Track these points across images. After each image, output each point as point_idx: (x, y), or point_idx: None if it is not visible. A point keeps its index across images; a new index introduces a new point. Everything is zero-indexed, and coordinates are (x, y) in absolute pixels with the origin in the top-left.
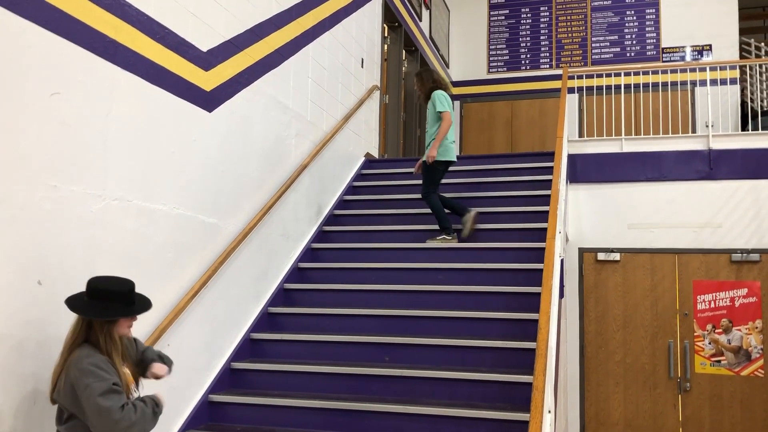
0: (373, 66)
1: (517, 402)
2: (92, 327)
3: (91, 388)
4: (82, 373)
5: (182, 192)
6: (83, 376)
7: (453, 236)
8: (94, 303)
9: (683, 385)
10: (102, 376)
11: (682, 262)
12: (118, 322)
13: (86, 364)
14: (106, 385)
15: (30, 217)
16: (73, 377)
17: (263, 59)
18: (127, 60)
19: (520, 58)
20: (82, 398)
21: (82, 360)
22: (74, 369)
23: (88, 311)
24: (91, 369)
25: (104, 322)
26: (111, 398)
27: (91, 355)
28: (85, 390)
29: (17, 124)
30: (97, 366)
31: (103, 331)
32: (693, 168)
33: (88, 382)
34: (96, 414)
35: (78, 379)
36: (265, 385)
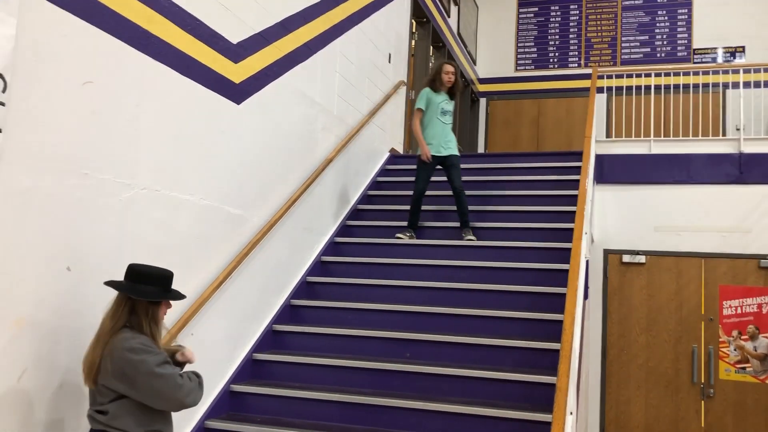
0: (400, 61)
1: (537, 402)
2: (135, 311)
3: (146, 362)
4: (133, 351)
5: (209, 183)
6: (135, 354)
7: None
8: (139, 285)
9: (706, 391)
10: (154, 351)
11: (708, 267)
12: (160, 305)
13: (135, 343)
14: (161, 357)
15: (60, 205)
16: (123, 357)
17: (292, 52)
18: (159, 50)
19: (548, 56)
20: (138, 374)
21: (129, 340)
22: (122, 350)
23: (135, 291)
24: (141, 347)
25: (148, 304)
26: (167, 368)
27: (136, 336)
28: (141, 365)
29: (49, 112)
30: (146, 344)
31: (147, 313)
32: (722, 171)
33: (142, 358)
34: (157, 384)
35: (129, 358)
36: (286, 377)
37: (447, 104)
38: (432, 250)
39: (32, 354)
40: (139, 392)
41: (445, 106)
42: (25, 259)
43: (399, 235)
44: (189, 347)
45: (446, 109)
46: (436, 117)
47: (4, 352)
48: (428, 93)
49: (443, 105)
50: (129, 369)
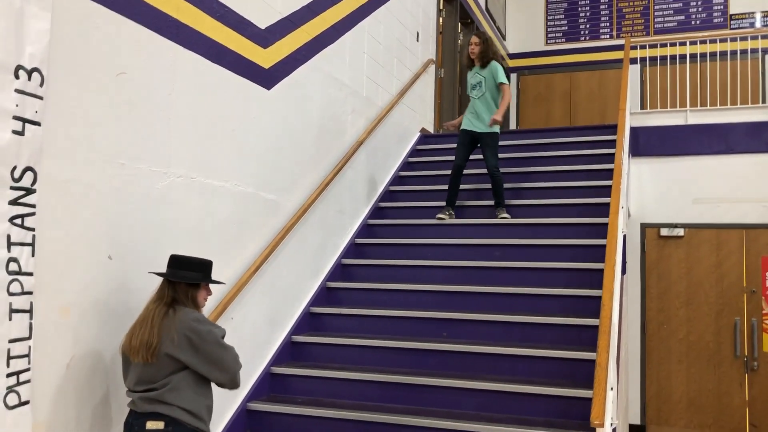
0: (429, 39)
1: (578, 379)
2: (176, 294)
3: (213, 332)
4: (199, 322)
5: (243, 169)
6: (201, 324)
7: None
8: (179, 271)
9: (750, 364)
10: (216, 324)
11: (750, 238)
12: (199, 290)
13: (200, 315)
14: (222, 331)
15: (100, 194)
16: (191, 327)
17: (319, 35)
18: (189, 39)
19: (579, 28)
20: (205, 342)
21: (194, 313)
22: (190, 320)
23: (175, 276)
24: (204, 318)
25: (188, 287)
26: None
27: (192, 311)
28: (209, 334)
29: (86, 103)
30: (205, 317)
31: (188, 296)
32: (763, 140)
33: (209, 328)
34: (221, 353)
35: (197, 327)
36: (325, 358)
37: (474, 77)
38: (466, 229)
39: (79, 341)
40: (202, 360)
41: (472, 80)
42: (67, 249)
43: (440, 215)
44: None
45: (473, 83)
46: (467, 93)
47: (51, 339)
48: (468, 74)
49: (471, 79)
50: (196, 337)
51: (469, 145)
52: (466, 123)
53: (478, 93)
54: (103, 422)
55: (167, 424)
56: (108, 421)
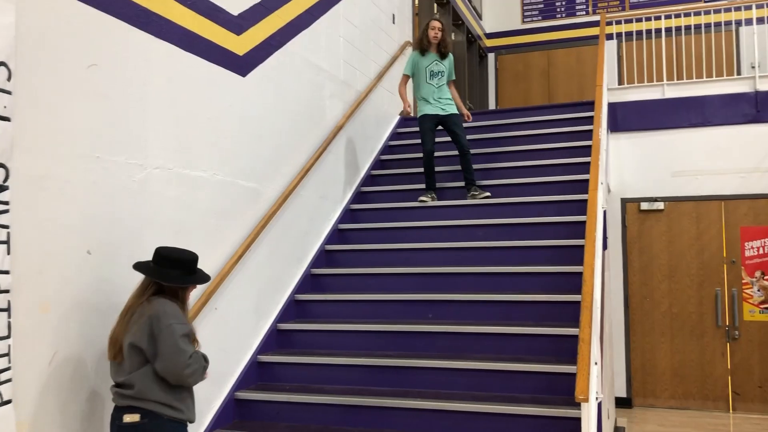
0: (405, 21)
1: (563, 355)
2: (163, 291)
3: (173, 327)
4: (166, 314)
5: (221, 158)
6: (166, 317)
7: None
8: (165, 270)
9: (731, 333)
10: (183, 321)
11: (728, 209)
12: (187, 289)
13: (169, 308)
14: (187, 329)
15: (76, 189)
16: (155, 316)
17: (294, 20)
18: (160, 28)
19: (554, 5)
20: (161, 335)
21: (164, 305)
22: (155, 311)
23: (162, 276)
24: (174, 313)
25: (177, 288)
26: (186, 344)
27: (170, 303)
28: (167, 328)
29: (58, 97)
30: (178, 311)
31: (176, 295)
32: (739, 111)
33: (171, 323)
34: (172, 352)
35: (160, 318)
36: (312, 345)
37: (436, 66)
38: (449, 210)
39: (60, 337)
40: (155, 351)
41: (434, 68)
42: (45, 245)
43: (422, 198)
44: None
45: (435, 71)
46: (425, 82)
47: (32, 337)
48: (414, 57)
49: (431, 67)
50: (156, 327)
51: (435, 130)
52: (431, 109)
53: (439, 82)
54: (89, 419)
55: (143, 416)
56: (94, 417)
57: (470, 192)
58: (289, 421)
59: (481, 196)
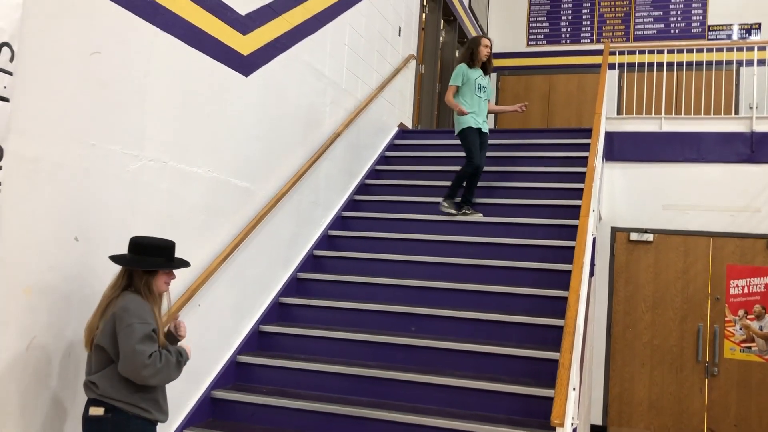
0: (411, 35)
1: (542, 378)
2: (132, 279)
3: (132, 328)
4: (128, 313)
5: (216, 155)
6: (128, 316)
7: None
8: (136, 256)
9: (711, 370)
10: (145, 319)
11: (716, 246)
12: (157, 276)
13: (132, 305)
14: (147, 329)
15: (68, 174)
16: (118, 315)
17: (300, 25)
18: (166, 21)
19: (560, 31)
20: (120, 335)
21: (129, 302)
22: (120, 307)
23: (129, 262)
24: (137, 311)
25: (143, 273)
26: (146, 344)
27: (136, 299)
28: (127, 328)
29: (58, 81)
30: (143, 310)
31: (142, 281)
32: (733, 150)
33: (132, 322)
34: (127, 355)
35: (122, 317)
36: (292, 349)
37: (483, 80)
38: (439, 225)
39: (41, 322)
40: (116, 349)
41: (482, 82)
42: (33, 228)
43: (465, 211)
44: (183, 323)
45: (483, 84)
46: (474, 94)
47: (13, 320)
48: (464, 69)
49: (480, 81)
50: (118, 327)
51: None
52: (476, 123)
53: (485, 96)
54: (63, 406)
55: (107, 411)
56: (69, 404)
57: (462, 209)
58: (263, 423)
59: (473, 217)
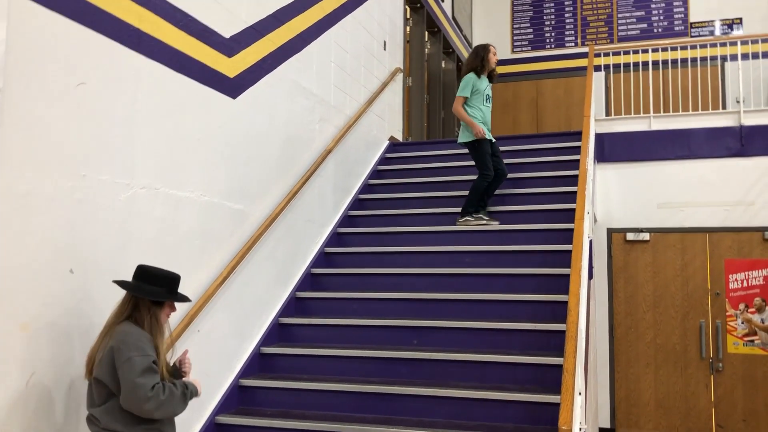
0: (396, 48)
1: (547, 384)
2: (138, 308)
3: (132, 361)
4: (126, 345)
5: (209, 179)
6: (127, 349)
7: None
8: (144, 285)
9: (715, 366)
10: (145, 352)
11: (713, 241)
12: (163, 307)
13: (132, 338)
14: (147, 361)
15: (61, 207)
16: (116, 348)
17: (285, 44)
18: (151, 48)
19: (544, 36)
20: (121, 369)
21: (128, 334)
22: (118, 340)
23: (139, 290)
24: (136, 343)
25: (152, 304)
26: (147, 377)
27: (134, 331)
28: (127, 362)
29: (45, 114)
30: (142, 341)
31: (150, 312)
32: (724, 145)
33: (131, 355)
34: (129, 389)
35: (121, 350)
36: (294, 369)
37: (489, 89)
38: (435, 236)
39: (40, 357)
40: (118, 385)
41: (489, 92)
42: (28, 262)
43: (487, 220)
44: (189, 359)
45: (489, 94)
46: (483, 104)
47: (11, 356)
48: (474, 79)
49: (487, 91)
50: (118, 360)
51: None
52: (487, 134)
53: (489, 105)
54: None
55: None
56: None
57: (479, 213)
58: None
59: (488, 222)
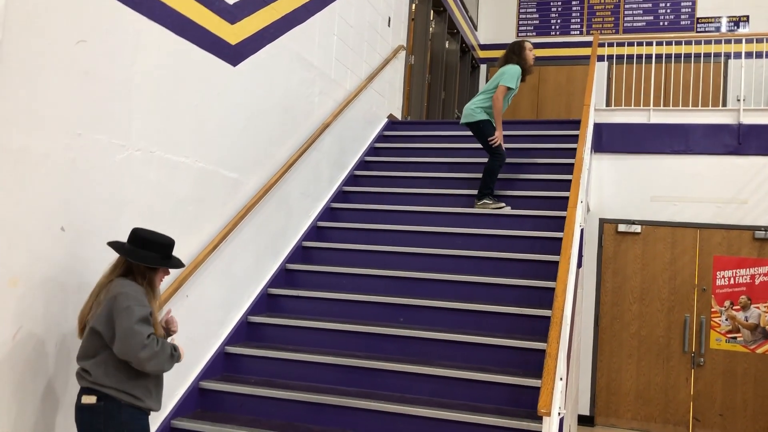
0: (400, 25)
1: (530, 368)
2: (131, 271)
3: (131, 309)
4: (126, 296)
5: (204, 145)
6: (126, 299)
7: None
8: (139, 250)
9: (697, 360)
10: (143, 303)
11: (703, 237)
12: (157, 271)
13: (130, 290)
14: (145, 312)
15: (54, 165)
16: (114, 297)
17: (289, 14)
18: (153, 9)
19: (550, 23)
20: (118, 318)
21: (126, 286)
22: (116, 292)
23: (134, 255)
24: (135, 295)
25: (146, 268)
26: (144, 326)
27: (132, 285)
28: (125, 311)
29: (43, 70)
30: (140, 294)
31: (144, 277)
32: (721, 142)
33: (130, 304)
34: (126, 335)
35: (120, 300)
36: (281, 340)
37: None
38: (427, 216)
39: (27, 312)
40: (113, 334)
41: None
42: (18, 219)
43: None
44: (175, 318)
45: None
46: (509, 100)
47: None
48: (520, 74)
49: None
50: (115, 309)
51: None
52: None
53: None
54: (56, 395)
55: (99, 399)
56: (59, 395)
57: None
58: (252, 414)
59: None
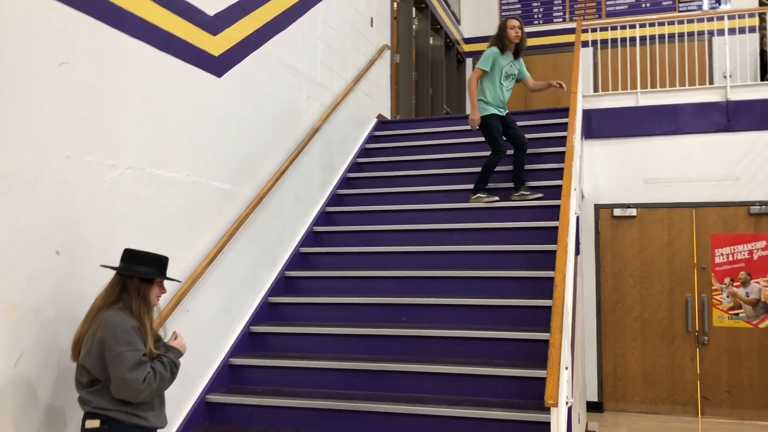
0: (383, 25)
1: (536, 359)
2: (126, 290)
3: (123, 357)
4: (116, 340)
5: (195, 159)
6: (117, 344)
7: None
8: (133, 265)
9: (701, 339)
10: (135, 346)
11: (699, 216)
12: (152, 286)
13: (120, 331)
14: (137, 356)
15: (46, 188)
16: (105, 341)
17: (271, 21)
18: (135, 27)
19: (532, 12)
20: (111, 364)
21: (116, 326)
22: (106, 332)
23: (128, 269)
24: (125, 337)
25: (140, 283)
26: (138, 371)
27: (125, 320)
28: (118, 358)
29: (29, 94)
30: (131, 334)
31: (139, 292)
32: (710, 120)
33: (122, 351)
34: (121, 384)
35: (111, 345)
36: (284, 348)
37: (511, 67)
38: (423, 214)
39: (28, 338)
40: (107, 380)
41: (510, 70)
42: (13, 244)
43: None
44: (182, 337)
45: (510, 72)
46: (499, 81)
47: (0, 339)
48: (495, 54)
49: (507, 69)
50: (108, 355)
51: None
52: (497, 110)
53: (509, 85)
54: (55, 422)
55: (103, 422)
56: (61, 420)
57: (519, 191)
58: (261, 424)
59: (532, 197)
